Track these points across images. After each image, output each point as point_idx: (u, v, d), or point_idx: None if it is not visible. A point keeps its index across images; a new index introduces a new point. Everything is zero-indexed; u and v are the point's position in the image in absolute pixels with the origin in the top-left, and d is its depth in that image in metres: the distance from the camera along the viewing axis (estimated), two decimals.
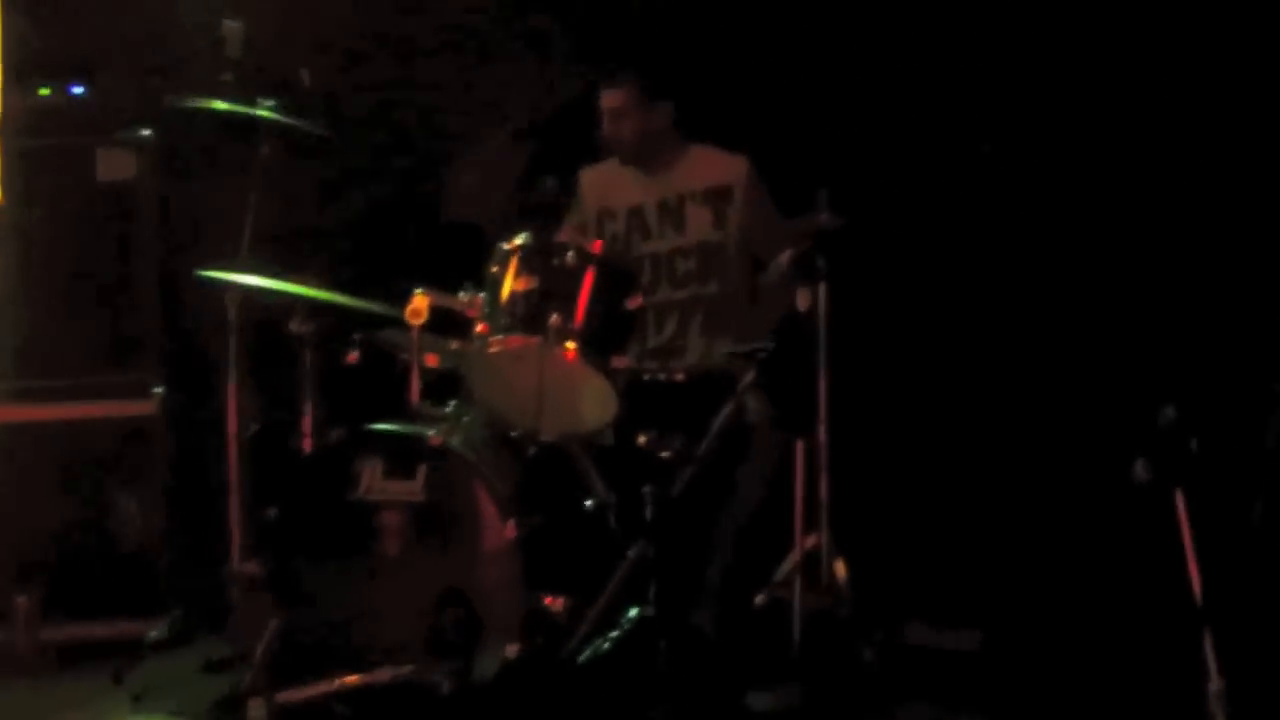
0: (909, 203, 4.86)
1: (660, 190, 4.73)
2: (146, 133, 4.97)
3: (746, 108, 5.00)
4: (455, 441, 4.16)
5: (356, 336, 4.39)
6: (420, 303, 4.14)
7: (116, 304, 4.96)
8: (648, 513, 4.03)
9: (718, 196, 4.67)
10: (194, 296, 4.88)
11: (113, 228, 4.96)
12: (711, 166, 4.70)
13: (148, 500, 4.93)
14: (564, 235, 4.27)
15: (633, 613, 4.03)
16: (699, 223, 4.69)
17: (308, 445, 4.39)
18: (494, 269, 4.11)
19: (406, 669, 3.97)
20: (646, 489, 4.04)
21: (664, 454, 4.09)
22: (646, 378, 4.26)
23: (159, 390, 4.97)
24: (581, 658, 3.98)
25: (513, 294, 4.04)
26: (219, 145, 5.07)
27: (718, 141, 4.73)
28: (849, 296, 4.34)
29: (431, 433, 4.15)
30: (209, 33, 4.98)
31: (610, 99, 4.66)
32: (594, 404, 4.10)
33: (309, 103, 4.77)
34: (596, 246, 4.11)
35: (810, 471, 4.27)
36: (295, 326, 4.41)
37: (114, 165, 4.95)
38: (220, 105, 4.55)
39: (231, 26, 4.91)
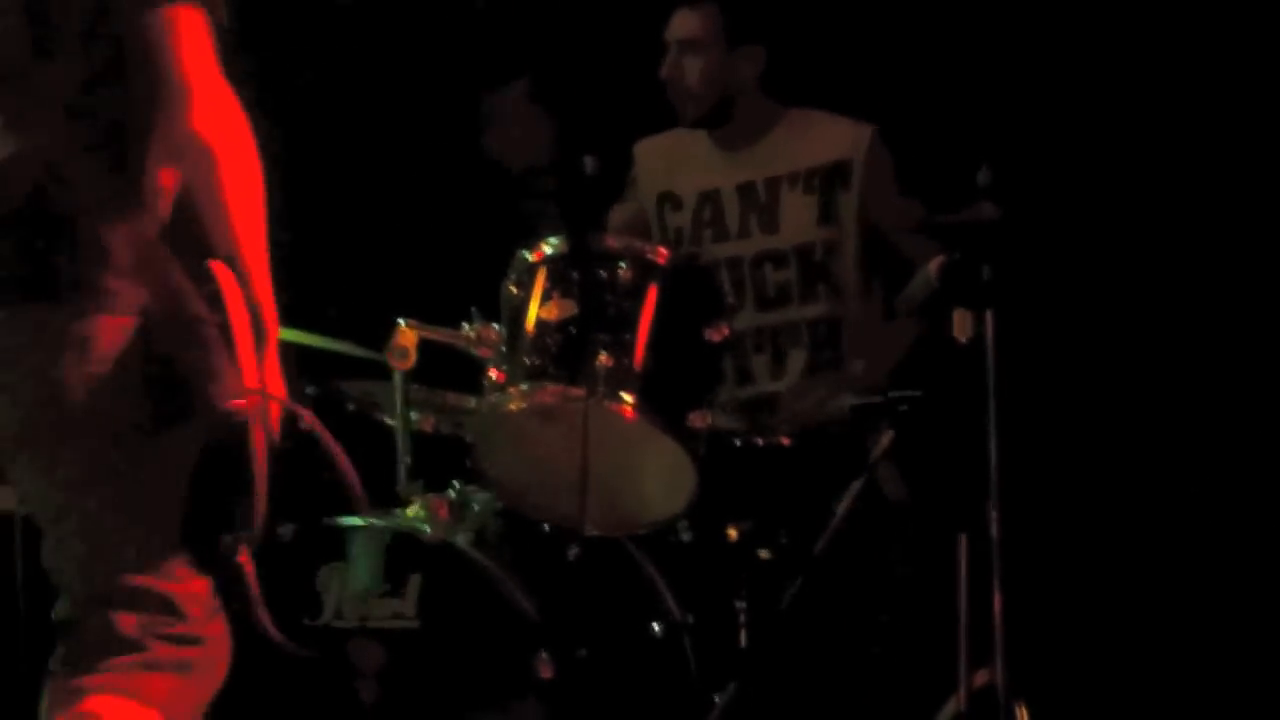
0: (1107, 184, 4.90)
1: (743, 169, 4.76)
2: None
3: (868, 60, 5.04)
4: (460, 539, 4.11)
5: (309, 389, 4.35)
6: (406, 338, 4.07)
7: None
8: (741, 639, 4.04)
9: (828, 178, 4.70)
10: None
11: None
12: (819, 137, 4.73)
13: None
14: (612, 239, 4.19)
15: None
16: (798, 216, 4.71)
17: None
18: (513, 289, 4.06)
19: None
20: (739, 605, 4.05)
21: (763, 553, 4.09)
22: (738, 443, 4.23)
23: None
24: None
25: (541, 324, 3.99)
26: None
27: (828, 107, 4.77)
28: (1027, 322, 4.27)
29: (426, 528, 4.10)
30: None
31: (682, 24, 4.72)
32: (662, 482, 4.04)
33: None
34: (662, 254, 4.07)
35: (978, 578, 4.11)
36: None
37: None
38: None
39: None
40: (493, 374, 4.02)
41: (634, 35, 4.97)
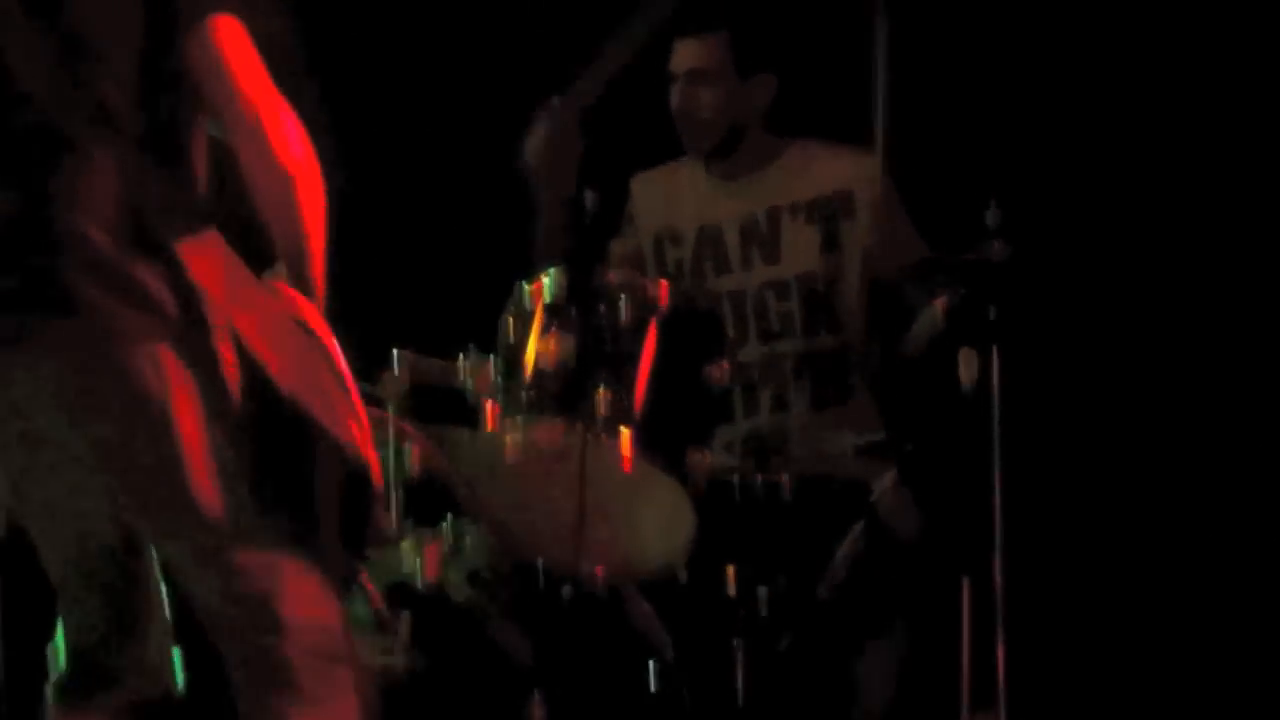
0: (1117, 223, 4.85)
1: (745, 202, 4.70)
2: None
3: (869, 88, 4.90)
4: (452, 580, 4.05)
5: None
6: (399, 370, 4.03)
7: None
8: (738, 682, 3.99)
9: (829, 208, 4.64)
10: None
11: None
12: (820, 167, 4.67)
13: None
14: (613, 273, 4.15)
15: None
16: (801, 246, 4.65)
17: None
18: (510, 323, 4.02)
19: None
20: (737, 647, 4.01)
21: (762, 595, 4.02)
22: (735, 482, 4.18)
23: None
24: None
25: (539, 360, 3.95)
26: None
27: (828, 136, 4.73)
28: (1032, 363, 4.26)
29: (418, 567, 4.00)
30: None
31: (690, 55, 4.63)
32: (660, 523, 4.01)
33: None
34: (662, 289, 4.03)
35: (981, 623, 4.12)
36: None
37: None
38: None
39: None
40: (488, 410, 3.96)
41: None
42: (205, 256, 2.91)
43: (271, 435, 2.92)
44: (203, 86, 2.92)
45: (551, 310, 3.96)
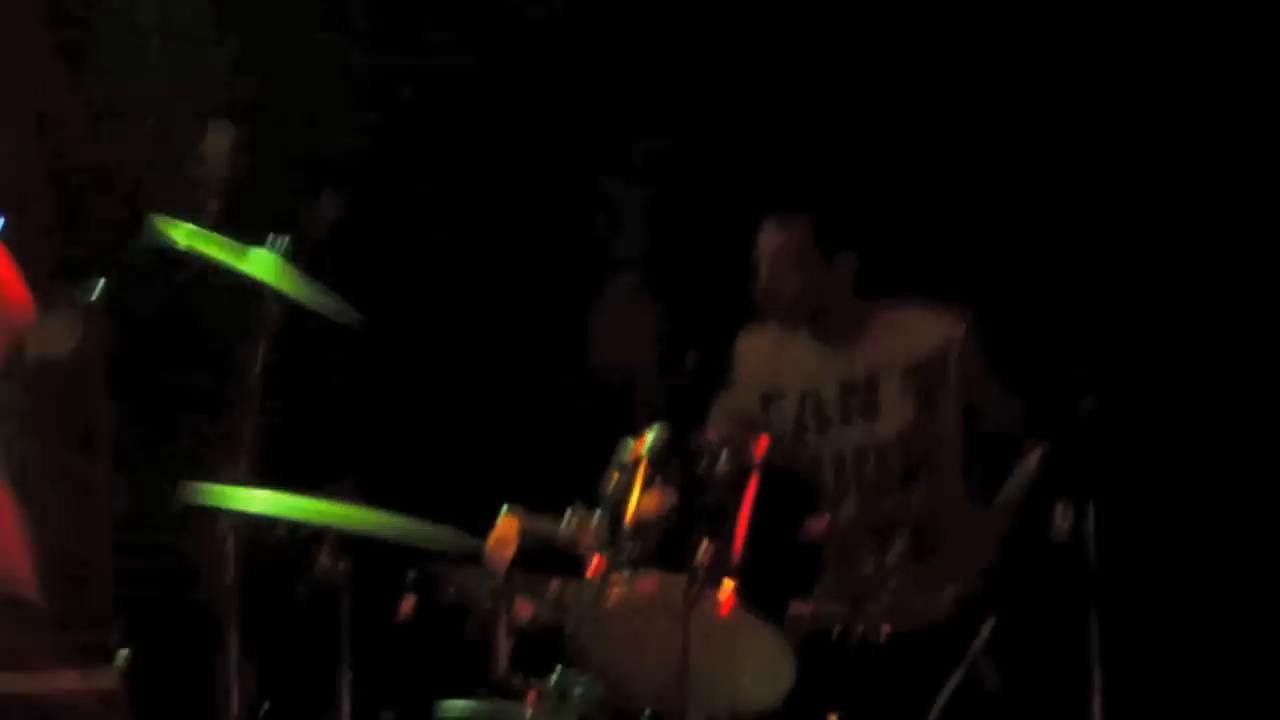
0: (1203, 373, 4.85)
1: (843, 366, 4.76)
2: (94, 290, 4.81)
3: (961, 251, 4.98)
4: None
5: (412, 577, 4.31)
6: (508, 528, 4.08)
7: None
8: None
9: (924, 370, 4.69)
10: (165, 523, 4.78)
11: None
12: (914, 330, 4.73)
13: None
14: (713, 431, 4.17)
15: None
16: (898, 407, 4.69)
17: None
18: (614, 480, 4.07)
19: None
20: None
21: None
22: (835, 634, 4.22)
23: (123, 653, 4.81)
24: None
25: (642, 516, 3.99)
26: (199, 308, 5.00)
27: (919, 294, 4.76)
28: (1126, 516, 4.26)
29: (528, 716, 4.06)
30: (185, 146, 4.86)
31: (773, 239, 4.72)
32: (761, 672, 4.02)
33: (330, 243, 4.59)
34: (761, 444, 4.07)
35: None
36: (324, 564, 4.29)
37: (43, 337, 4.79)
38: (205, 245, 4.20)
39: (219, 136, 4.72)
40: (594, 564, 4.00)
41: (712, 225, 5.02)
42: None
43: None
44: None
45: (654, 465, 3.99)
